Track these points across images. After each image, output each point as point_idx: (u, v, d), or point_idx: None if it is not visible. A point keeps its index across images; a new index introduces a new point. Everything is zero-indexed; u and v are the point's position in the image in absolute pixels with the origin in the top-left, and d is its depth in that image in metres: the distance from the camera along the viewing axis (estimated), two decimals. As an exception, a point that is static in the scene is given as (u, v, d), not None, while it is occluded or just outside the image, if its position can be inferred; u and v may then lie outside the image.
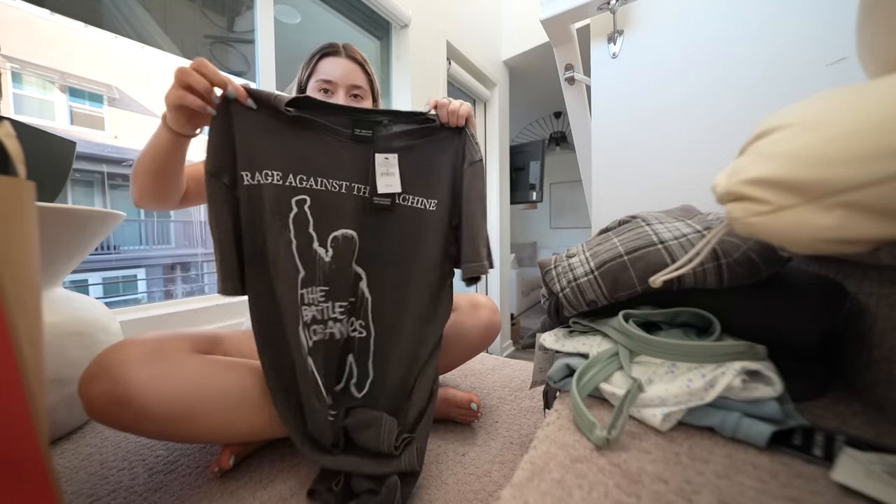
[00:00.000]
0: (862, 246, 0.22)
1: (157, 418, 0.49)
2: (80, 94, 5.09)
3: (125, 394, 0.47)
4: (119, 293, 4.39)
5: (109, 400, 0.47)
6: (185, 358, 0.55)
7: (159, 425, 0.50)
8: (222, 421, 0.56)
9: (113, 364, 0.49)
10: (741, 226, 0.27)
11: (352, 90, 0.78)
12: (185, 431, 0.53)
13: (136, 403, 0.48)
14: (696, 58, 0.99)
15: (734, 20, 0.94)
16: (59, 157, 0.75)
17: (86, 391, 0.49)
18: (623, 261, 0.44)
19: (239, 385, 0.58)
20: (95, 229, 0.73)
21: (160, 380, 0.50)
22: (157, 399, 0.49)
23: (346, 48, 0.79)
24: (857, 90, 0.23)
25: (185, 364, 0.54)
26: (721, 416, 0.32)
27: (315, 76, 0.77)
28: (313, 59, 0.78)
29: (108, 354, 0.50)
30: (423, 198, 0.69)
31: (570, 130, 2.29)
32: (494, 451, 0.67)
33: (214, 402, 0.55)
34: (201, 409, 0.53)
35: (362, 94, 0.79)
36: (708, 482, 0.26)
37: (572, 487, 0.27)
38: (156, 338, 0.56)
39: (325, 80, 0.76)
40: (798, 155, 0.23)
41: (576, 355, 0.45)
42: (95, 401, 0.48)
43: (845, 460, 0.27)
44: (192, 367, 0.55)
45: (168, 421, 0.50)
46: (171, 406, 0.50)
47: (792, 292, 0.39)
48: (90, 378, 0.49)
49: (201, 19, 1.28)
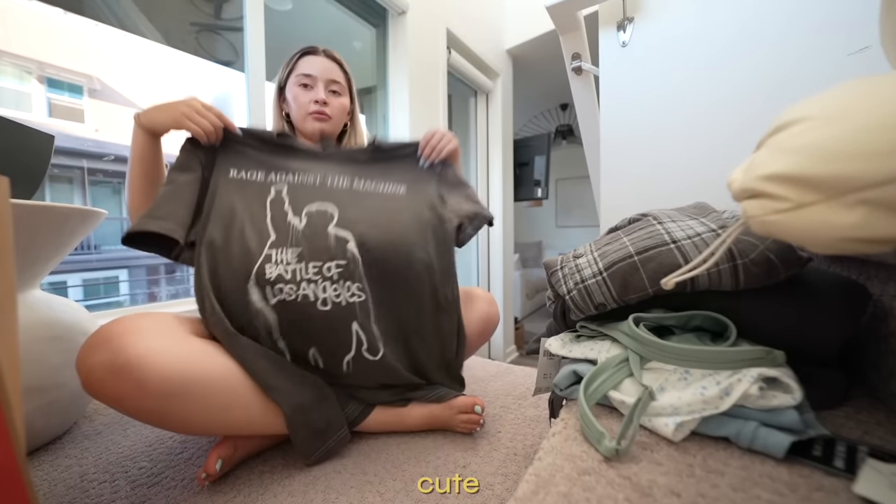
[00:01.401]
0: (886, 246, 0.22)
1: (154, 392, 0.51)
2: (58, 85, 5.08)
3: (125, 363, 0.49)
4: (100, 295, 4.38)
5: (108, 370, 0.49)
6: (186, 336, 0.58)
7: (155, 401, 0.52)
8: (218, 405, 0.58)
9: (114, 335, 0.51)
10: (758, 224, 0.27)
11: (330, 84, 0.86)
12: (179, 412, 0.54)
13: (135, 374, 0.50)
14: (714, 46, 0.99)
15: (755, 6, 0.93)
16: (36, 151, 0.75)
17: (85, 361, 0.51)
18: (633, 261, 0.44)
19: (236, 369, 0.61)
20: (75, 228, 0.73)
21: (160, 352, 0.52)
22: (155, 371, 0.51)
23: (325, 50, 0.88)
24: (881, 81, 0.23)
25: (185, 341, 0.57)
26: (737, 425, 0.32)
27: (294, 72, 0.85)
28: (293, 59, 0.87)
29: (110, 326, 0.53)
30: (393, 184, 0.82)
31: (577, 123, 2.29)
32: (497, 463, 0.67)
33: (211, 383, 0.57)
34: (198, 387, 0.55)
35: (340, 91, 0.88)
36: (723, 496, 0.26)
37: (580, 501, 0.27)
38: (158, 315, 0.59)
39: (305, 73, 0.84)
40: (819, 149, 0.23)
41: (583, 361, 0.45)
42: (94, 370, 0.50)
43: (868, 472, 0.27)
44: (192, 345, 0.57)
45: (164, 397, 0.52)
46: (169, 380, 0.52)
47: (812, 295, 0.39)
48: (90, 348, 0.51)
49: (187, 6, 1.28)
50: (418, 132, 1.78)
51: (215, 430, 0.61)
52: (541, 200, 2.95)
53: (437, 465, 0.67)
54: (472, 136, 2.55)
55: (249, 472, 0.65)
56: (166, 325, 0.57)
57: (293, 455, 0.69)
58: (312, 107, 0.84)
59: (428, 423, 0.76)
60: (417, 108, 1.77)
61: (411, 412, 0.76)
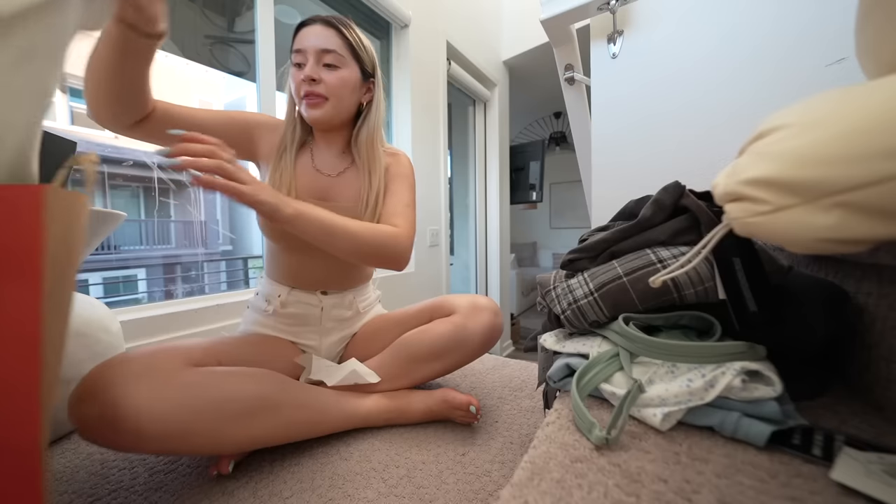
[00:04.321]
0: (861, 246, 0.22)
1: (152, 438, 0.48)
2: (80, 95, 5.07)
3: (117, 416, 0.46)
4: (119, 293, 4.38)
5: (100, 422, 0.46)
6: (178, 373, 0.54)
7: (155, 444, 0.49)
8: (220, 434, 0.55)
9: (102, 386, 0.47)
10: (741, 226, 0.27)
11: (323, 56, 0.68)
12: (182, 448, 0.52)
13: (130, 426, 0.46)
14: (697, 58, 0.99)
15: (735, 20, 0.94)
16: (59, 156, 0.74)
17: (75, 411, 0.47)
18: (622, 282, 0.44)
19: (235, 396, 0.57)
20: (96, 229, 0.73)
21: (153, 399, 0.48)
22: (150, 419, 0.47)
23: (323, 17, 0.70)
24: (856, 90, 0.23)
25: (178, 380, 0.52)
26: (721, 415, 0.32)
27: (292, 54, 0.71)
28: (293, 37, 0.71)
29: (96, 375, 0.48)
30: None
31: (569, 130, 2.29)
32: (494, 451, 0.67)
33: (210, 416, 0.53)
34: (197, 424, 0.52)
35: (337, 62, 0.69)
36: (707, 482, 0.26)
37: (572, 487, 0.27)
38: (146, 354, 0.54)
39: (296, 50, 0.69)
40: (797, 155, 0.23)
41: (576, 356, 0.45)
42: (86, 422, 0.46)
43: (844, 460, 0.27)
44: (186, 382, 0.53)
45: (164, 439, 0.49)
46: (167, 424, 0.49)
47: (794, 301, 0.39)
48: (79, 398, 0.47)
49: (202, 19, 1.28)
50: (420, 139, 1.78)
51: (222, 452, 0.60)
52: (536, 203, 2.95)
53: (438, 452, 0.67)
54: (471, 142, 2.55)
55: (260, 459, 0.65)
56: (157, 365, 0.52)
57: (302, 445, 0.69)
58: (303, 87, 0.69)
59: (428, 416, 0.76)
60: (419, 117, 1.77)
61: (413, 407, 0.75)
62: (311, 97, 0.69)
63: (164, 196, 5.12)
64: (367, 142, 0.78)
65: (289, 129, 0.77)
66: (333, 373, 0.74)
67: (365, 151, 0.78)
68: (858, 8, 0.34)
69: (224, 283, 3.90)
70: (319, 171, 0.78)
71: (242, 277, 3.49)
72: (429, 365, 0.77)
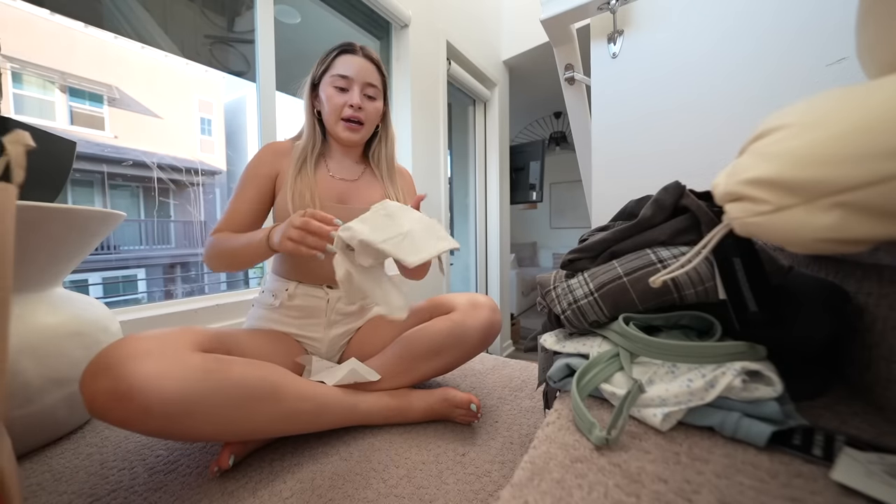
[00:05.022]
0: (861, 246, 0.22)
1: (158, 415, 0.49)
2: (80, 94, 5.08)
3: (127, 390, 0.48)
4: (119, 293, 4.38)
5: (111, 397, 0.48)
6: (188, 355, 0.55)
7: (161, 422, 0.50)
8: (224, 419, 0.56)
9: (114, 361, 0.49)
10: (741, 225, 0.27)
11: (366, 88, 0.80)
12: (186, 429, 0.53)
13: (138, 400, 0.48)
14: (697, 58, 0.99)
15: (735, 20, 0.94)
16: (59, 156, 0.75)
17: (87, 388, 0.49)
18: (623, 282, 0.43)
19: (240, 381, 0.58)
20: (95, 229, 0.73)
21: (161, 377, 0.50)
22: (158, 396, 0.49)
23: (362, 48, 0.81)
24: (856, 90, 0.23)
25: (187, 361, 0.54)
26: (721, 416, 0.32)
27: (330, 71, 0.79)
28: (330, 56, 0.80)
29: (110, 351, 0.50)
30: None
31: (570, 130, 2.29)
32: (494, 451, 0.67)
33: (216, 400, 0.54)
34: (203, 406, 0.53)
35: (375, 95, 0.82)
36: (707, 482, 0.26)
37: (572, 487, 0.27)
38: (159, 334, 0.56)
39: (341, 74, 0.78)
40: (797, 155, 0.23)
41: (576, 356, 0.45)
42: (97, 397, 0.48)
43: (845, 460, 0.27)
44: (194, 364, 0.54)
45: (169, 417, 0.50)
46: (173, 403, 0.50)
47: (794, 301, 0.39)
48: (92, 375, 0.49)
49: (201, 19, 1.28)
50: (420, 139, 1.78)
51: (223, 439, 0.61)
52: (535, 203, 2.95)
53: (438, 453, 0.67)
54: (471, 142, 2.55)
55: (260, 459, 0.65)
56: (167, 345, 0.54)
57: (302, 445, 0.69)
58: (346, 111, 0.78)
59: (428, 415, 0.76)
60: (419, 116, 1.77)
61: (413, 406, 0.76)
62: (353, 122, 0.79)
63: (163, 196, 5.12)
64: (389, 157, 0.91)
65: (310, 141, 0.83)
66: (333, 373, 0.75)
67: (385, 165, 0.90)
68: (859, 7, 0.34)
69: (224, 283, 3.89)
70: (336, 178, 0.85)
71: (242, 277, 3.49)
72: (429, 362, 0.78)
